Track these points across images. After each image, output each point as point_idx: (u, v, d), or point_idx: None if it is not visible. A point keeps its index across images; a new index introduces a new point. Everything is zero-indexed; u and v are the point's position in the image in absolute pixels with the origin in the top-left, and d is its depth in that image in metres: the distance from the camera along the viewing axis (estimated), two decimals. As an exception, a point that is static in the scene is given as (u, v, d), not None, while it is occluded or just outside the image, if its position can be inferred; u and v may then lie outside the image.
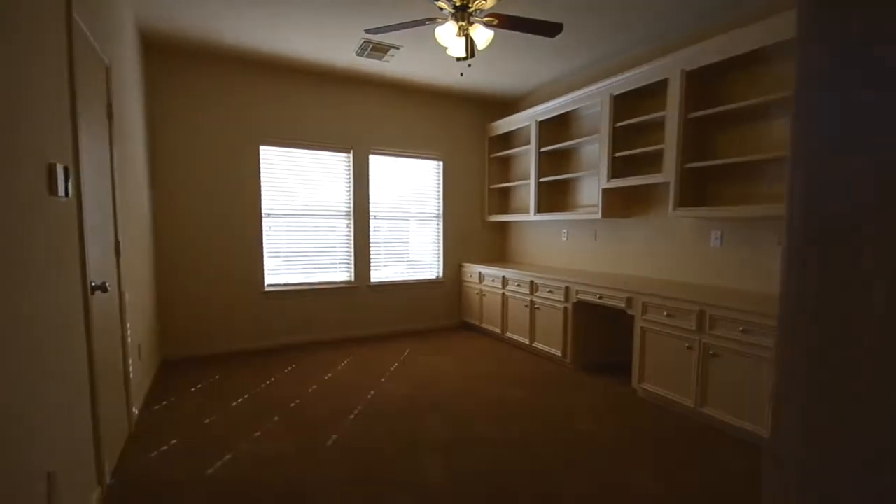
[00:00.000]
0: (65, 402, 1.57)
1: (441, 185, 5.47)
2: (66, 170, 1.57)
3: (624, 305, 3.32)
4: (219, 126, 4.22)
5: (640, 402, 3.22)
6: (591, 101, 3.93)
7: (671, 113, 3.22)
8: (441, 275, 5.55)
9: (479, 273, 5.17)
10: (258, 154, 4.41)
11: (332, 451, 2.50)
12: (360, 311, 5.03)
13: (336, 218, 4.86)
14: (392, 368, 3.96)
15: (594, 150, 4.25)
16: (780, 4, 2.85)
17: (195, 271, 4.21)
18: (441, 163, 5.43)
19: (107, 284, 1.97)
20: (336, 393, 3.37)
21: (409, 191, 5.31)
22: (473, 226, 5.71)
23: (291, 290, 4.65)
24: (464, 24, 2.72)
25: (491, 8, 2.85)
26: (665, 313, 2.99)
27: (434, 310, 5.51)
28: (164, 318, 4.11)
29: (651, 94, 3.58)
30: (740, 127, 3.08)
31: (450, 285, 5.59)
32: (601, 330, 4.03)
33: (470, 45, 2.99)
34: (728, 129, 3.15)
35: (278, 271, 4.63)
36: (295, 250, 4.69)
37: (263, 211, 4.47)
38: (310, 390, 3.43)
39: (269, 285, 4.57)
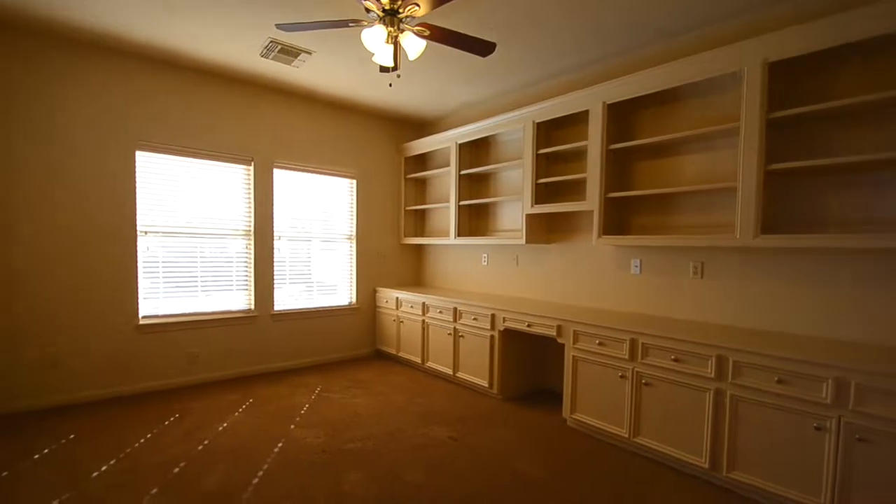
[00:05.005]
0: None
1: (355, 205, 5.09)
2: None
3: (554, 334, 3.24)
4: (82, 127, 3.44)
5: (572, 433, 3.12)
6: (514, 126, 3.90)
7: (593, 143, 3.27)
8: (354, 300, 5.12)
9: (397, 298, 4.85)
10: (133, 162, 3.67)
11: (229, 535, 1.99)
12: (261, 343, 4.41)
13: (233, 238, 4.24)
14: (302, 411, 3.45)
15: (516, 176, 4.23)
16: (694, 47, 3.05)
17: (46, 302, 3.33)
18: (354, 181, 5.07)
19: None
20: (234, 449, 2.80)
21: (319, 210, 4.85)
22: (389, 248, 5.39)
23: (176, 322, 3.90)
24: (393, 30, 2.48)
25: (423, 17, 2.65)
26: (597, 342, 2.96)
27: (346, 339, 5.05)
28: (-8, 364, 3.17)
29: (575, 122, 3.65)
30: (656, 160, 3.22)
31: (363, 312, 5.18)
32: (528, 358, 3.94)
33: (398, 54, 2.75)
34: (646, 161, 3.28)
35: (158, 301, 3.87)
36: (180, 276, 3.97)
37: (140, 228, 3.72)
38: (200, 447, 2.81)
39: (146, 317, 3.79)
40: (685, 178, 3.06)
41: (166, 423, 3.18)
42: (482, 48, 2.71)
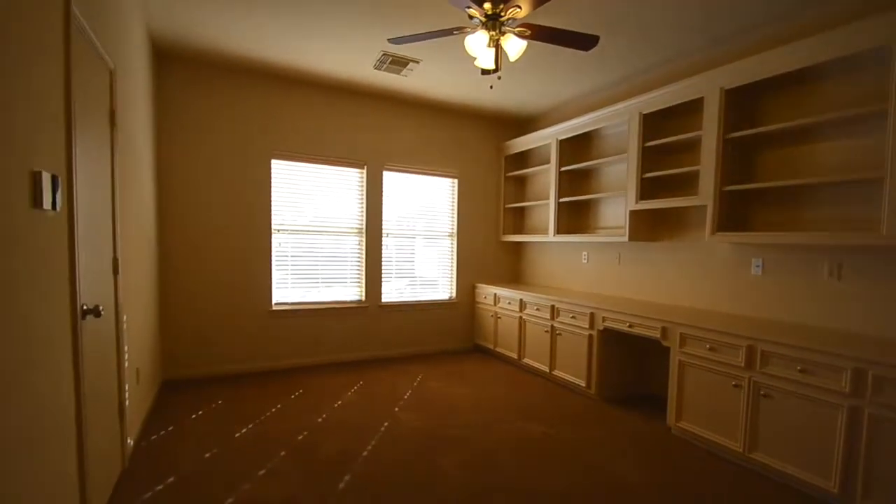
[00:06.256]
0: (47, 455, 1.35)
1: (456, 204, 5.29)
2: (54, 179, 1.39)
3: (658, 336, 3.08)
4: (230, 139, 4.07)
5: (677, 441, 2.95)
6: (618, 119, 3.76)
7: (708, 132, 3.04)
8: (453, 295, 5.32)
9: (495, 295, 4.94)
10: (269, 168, 4.24)
11: (345, 495, 2.25)
12: (369, 331, 4.81)
13: (347, 235, 4.68)
14: (405, 396, 3.71)
15: (618, 171, 4.07)
16: (832, 20, 2.69)
17: (201, 288, 4.01)
18: (456, 180, 5.26)
19: (100, 308, 1.76)
20: (347, 424, 3.12)
21: (422, 208, 5.13)
22: (487, 246, 5.51)
23: (300, 310, 4.43)
24: (495, 33, 2.56)
25: (524, 18, 2.70)
26: (707, 346, 2.75)
27: (446, 332, 5.27)
28: (166, 336, 3.90)
29: (685, 112, 3.41)
30: (784, 149, 2.88)
31: (462, 306, 5.36)
32: (629, 360, 3.78)
33: (499, 56, 2.83)
34: (771, 150, 2.95)
35: (286, 290, 4.42)
36: (304, 268, 4.49)
37: (273, 227, 4.29)
38: (319, 420, 3.18)
39: (277, 304, 4.36)
40: (820, 167, 2.70)
41: (292, 396, 3.63)
42: (585, 42, 2.68)
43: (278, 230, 4.33)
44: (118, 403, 2.31)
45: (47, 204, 1.32)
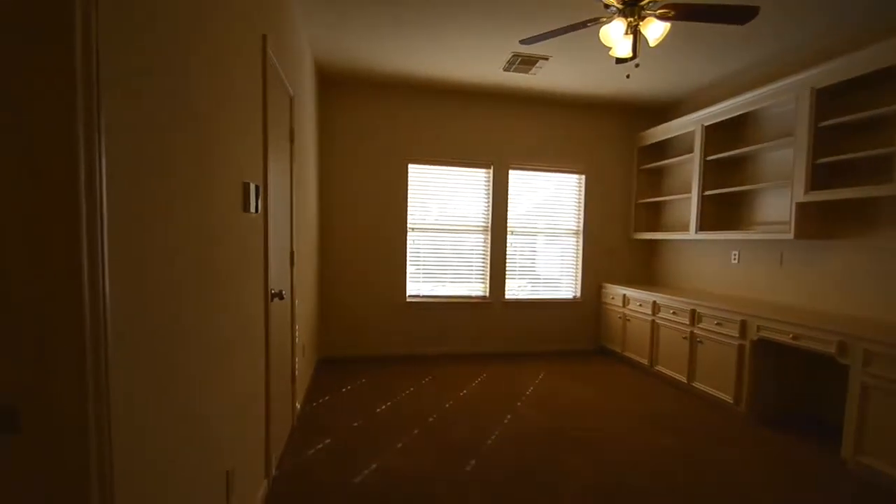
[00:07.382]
0: (246, 402, 1.70)
1: (582, 200, 5.12)
2: (256, 188, 1.73)
3: (833, 351, 2.63)
4: (374, 147, 4.53)
5: (853, 478, 2.50)
6: (781, 97, 3.28)
7: (909, 107, 2.50)
8: (578, 294, 5.17)
9: (624, 295, 4.68)
10: (406, 172, 4.61)
11: (471, 479, 2.38)
12: (493, 326, 4.93)
13: (473, 233, 4.85)
14: (527, 392, 3.75)
15: (780, 157, 3.54)
16: None
17: (350, 279, 4.55)
18: (583, 177, 5.09)
19: (283, 293, 2.13)
20: (472, 412, 3.28)
21: (544, 206, 5.07)
22: (616, 244, 5.23)
23: (430, 302, 4.74)
24: (633, 20, 2.44)
25: None
26: (903, 368, 2.28)
27: (569, 331, 5.15)
28: (323, 320, 4.50)
29: (871, 84, 2.85)
30: None
31: (587, 306, 5.18)
32: (791, 377, 3.29)
33: (637, 43, 2.69)
34: None
35: (418, 283, 4.76)
36: (434, 263, 4.79)
37: (408, 226, 4.66)
38: (447, 405, 3.39)
39: (411, 296, 4.72)
40: None
41: (423, 381, 3.92)
42: (740, 16, 2.40)
43: (412, 228, 4.68)
44: (291, 372, 2.76)
45: (252, 208, 1.66)
